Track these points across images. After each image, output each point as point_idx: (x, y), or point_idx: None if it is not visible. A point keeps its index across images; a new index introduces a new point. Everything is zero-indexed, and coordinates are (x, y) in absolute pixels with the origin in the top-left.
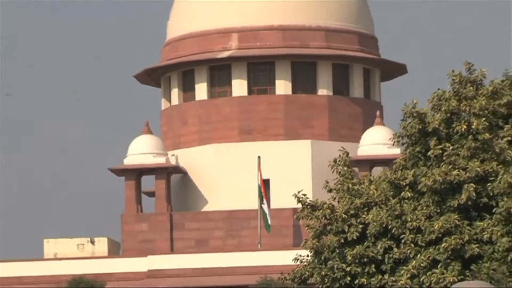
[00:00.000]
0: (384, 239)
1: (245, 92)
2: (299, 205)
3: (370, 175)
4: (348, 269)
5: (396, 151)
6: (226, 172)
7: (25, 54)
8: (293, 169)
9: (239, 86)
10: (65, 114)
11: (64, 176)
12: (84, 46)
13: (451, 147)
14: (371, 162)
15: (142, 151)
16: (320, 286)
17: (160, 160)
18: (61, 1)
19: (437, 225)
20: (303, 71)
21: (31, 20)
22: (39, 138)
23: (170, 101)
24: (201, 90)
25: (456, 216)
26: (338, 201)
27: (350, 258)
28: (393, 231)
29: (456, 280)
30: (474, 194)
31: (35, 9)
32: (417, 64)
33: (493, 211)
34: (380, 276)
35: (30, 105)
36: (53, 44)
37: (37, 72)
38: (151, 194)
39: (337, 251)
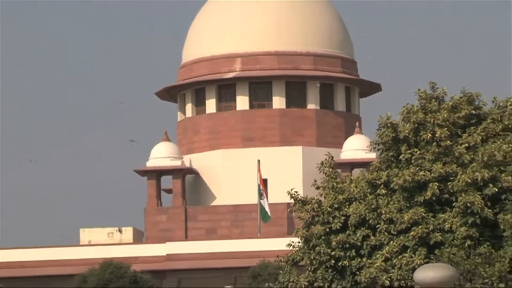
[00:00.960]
0: (362, 228)
1: (247, 107)
2: (292, 200)
3: (351, 176)
4: (332, 253)
5: (373, 155)
6: (231, 173)
7: (65, 73)
8: (287, 170)
9: (242, 102)
10: (99, 126)
11: (97, 176)
12: (113, 69)
13: (418, 152)
14: (351, 165)
15: (161, 155)
16: (309, 268)
17: (177, 163)
18: (99, 30)
19: (406, 217)
20: (295, 89)
21: (70, 37)
22: (77, 145)
23: (185, 114)
24: (211, 105)
25: (422, 209)
26: (324, 197)
27: (334, 244)
28: (370, 221)
29: (422, 262)
30: (438, 191)
31: (72, 29)
32: (390, 83)
33: (453, 205)
34: (359, 259)
35: (78, 116)
36: (94, 68)
37: (81, 92)
38: (169, 191)
39: (324, 238)
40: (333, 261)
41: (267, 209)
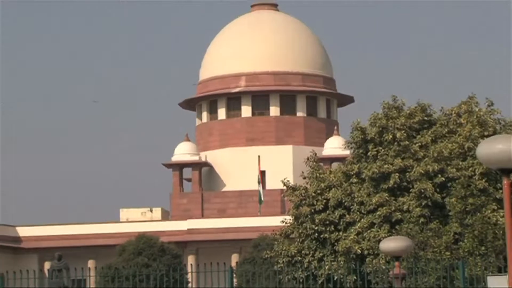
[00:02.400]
0: (339, 209)
1: (249, 114)
2: (285, 187)
3: (330, 168)
4: (316, 228)
5: (347, 152)
6: (237, 166)
7: (101, 87)
8: (281, 164)
9: (246, 111)
10: (136, 129)
11: (134, 168)
12: (146, 86)
13: (382, 150)
14: (331, 160)
15: (183, 152)
16: (298, 239)
17: (195, 158)
18: (128, 48)
19: (374, 200)
20: (287, 101)
21: (99, 50)
22: (118, 143)
23: (201, 120)
24: (222, 113)
25: (386, 194)
26: (310, 185)
27: (317, 221)
28: (345, 204)
29: (386, 235)
30: (398, 180)
31: (104, 41)
32: (360, 96)
33: (410, 191)
34: (337, 233)
35: (120, 119)
36: (130, 83)
37: (123, 101)
38: (189, 180)
39: (309, 216)
40: (316, 234)
41: (262, 195)
